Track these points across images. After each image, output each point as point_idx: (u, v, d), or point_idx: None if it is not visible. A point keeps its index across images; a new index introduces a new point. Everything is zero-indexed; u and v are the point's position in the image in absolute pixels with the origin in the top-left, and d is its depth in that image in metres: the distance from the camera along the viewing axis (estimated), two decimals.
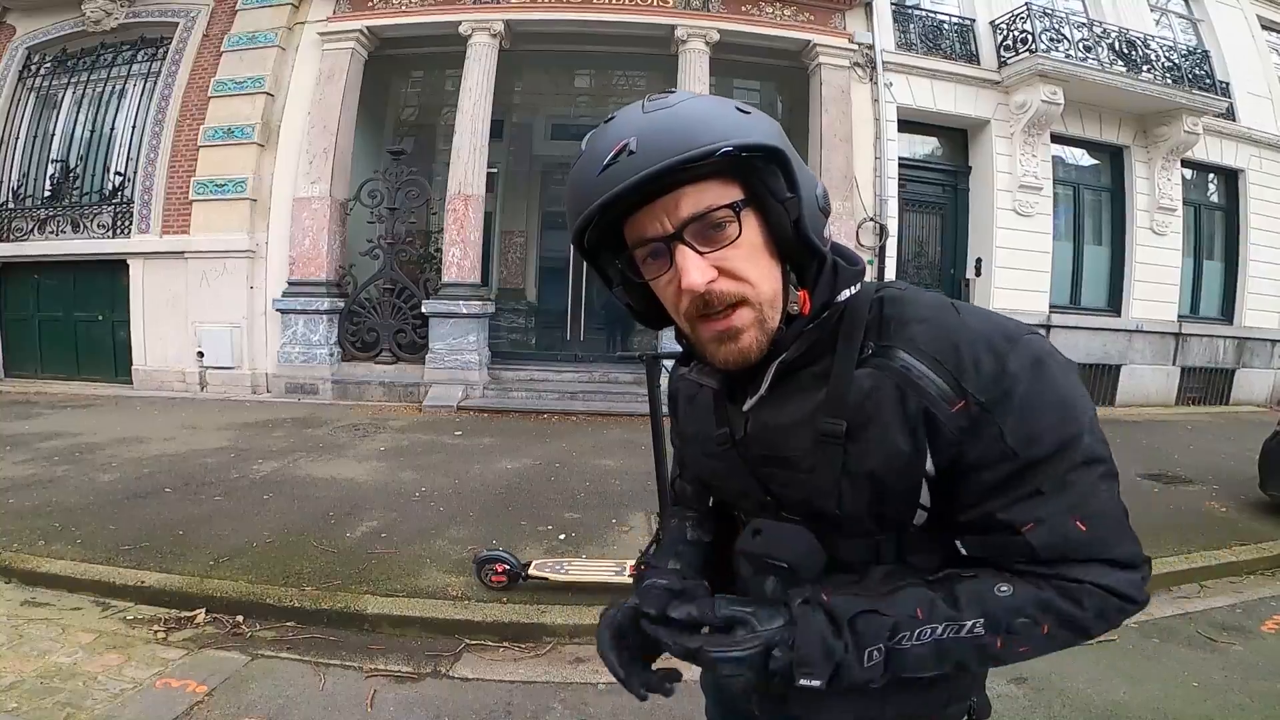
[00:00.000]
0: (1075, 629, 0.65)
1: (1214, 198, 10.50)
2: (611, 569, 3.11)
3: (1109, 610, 0.65)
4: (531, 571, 3.03)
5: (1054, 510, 0.64)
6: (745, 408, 0.77)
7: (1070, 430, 0.64)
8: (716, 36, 8.33)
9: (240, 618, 2.88)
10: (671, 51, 8.49)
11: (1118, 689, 2.55)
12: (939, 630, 0.64)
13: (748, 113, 0.67)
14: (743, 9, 8.48)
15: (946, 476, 0.67)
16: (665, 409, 0.99)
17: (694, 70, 8.28)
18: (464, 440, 6.13)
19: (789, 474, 0.73)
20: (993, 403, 0.64)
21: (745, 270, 0.67)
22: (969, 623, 0.64)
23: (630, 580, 3.00)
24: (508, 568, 3.02)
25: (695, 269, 0.65)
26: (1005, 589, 0.65)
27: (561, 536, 3.77)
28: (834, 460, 0.69)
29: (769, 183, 0.66)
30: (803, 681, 0.63)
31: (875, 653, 0.64)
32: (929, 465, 0.67)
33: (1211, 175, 10.40)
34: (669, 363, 3.20)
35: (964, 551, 0.69)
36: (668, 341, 8.01)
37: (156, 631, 2.78)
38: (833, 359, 0.70)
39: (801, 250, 0.69)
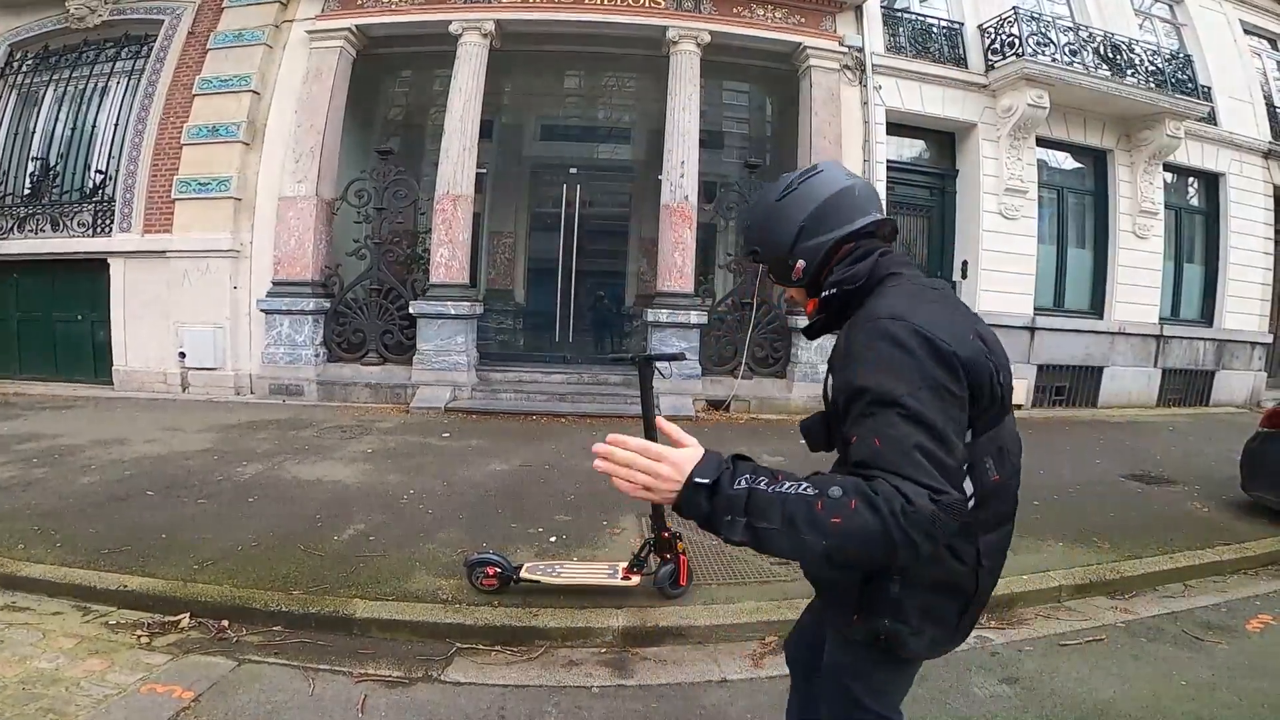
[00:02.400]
0: (872, 509, 0.85)
1: (1195, 201, 10.66)
2: (604, 571, 3.09)
3: (895, 504, 0.84)
4: (523, 574, 3.01)
5: (865, 431, 0.96)
6: None
7: (882, 383, 0.96)
8: (708, 38, 8.35)
9: (226, 622, 2.84)
10: (663, 53, 8.50)
11: (1107, 688, 2.57)
12: (785, 486, 0.89)
13: None
14: (734, 11, 8.50)
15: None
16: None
17: (685, 72, 8.30)
18: (452, 442, 6.09)
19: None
20: (834, 363, 1.12)
21: None
22: (804, 485, 0.89)
23: (623, 583, 2.99)
24: (499, 570, 2.99)
25: None
26: (838, 477, 0.91)
27: (553, 539, 3.75)
28: (828, 383, 1.17)
29: None
30: (696, 479, 0.93)
31: (742, 480, 0.91)
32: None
33: (1193, 179, 10.55)
34: (664, 365, 3.15)
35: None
36: (658, 343, 8.00)
37: (140, 636, 2.73)
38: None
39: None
